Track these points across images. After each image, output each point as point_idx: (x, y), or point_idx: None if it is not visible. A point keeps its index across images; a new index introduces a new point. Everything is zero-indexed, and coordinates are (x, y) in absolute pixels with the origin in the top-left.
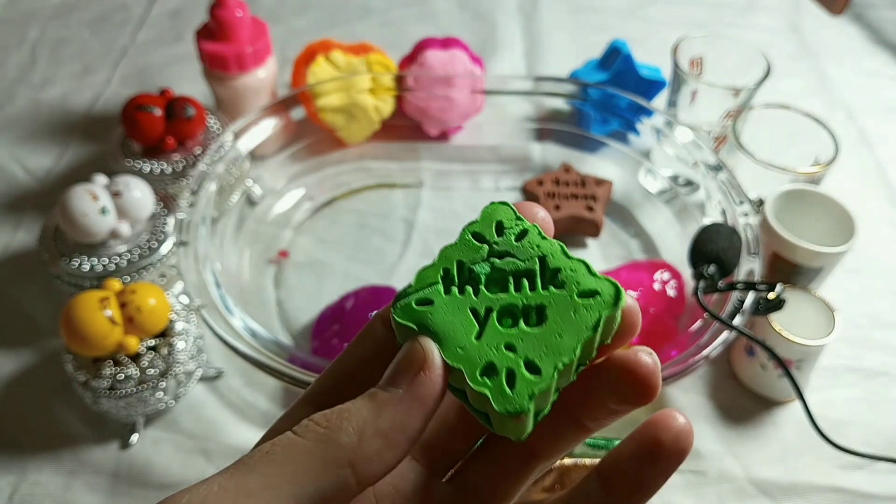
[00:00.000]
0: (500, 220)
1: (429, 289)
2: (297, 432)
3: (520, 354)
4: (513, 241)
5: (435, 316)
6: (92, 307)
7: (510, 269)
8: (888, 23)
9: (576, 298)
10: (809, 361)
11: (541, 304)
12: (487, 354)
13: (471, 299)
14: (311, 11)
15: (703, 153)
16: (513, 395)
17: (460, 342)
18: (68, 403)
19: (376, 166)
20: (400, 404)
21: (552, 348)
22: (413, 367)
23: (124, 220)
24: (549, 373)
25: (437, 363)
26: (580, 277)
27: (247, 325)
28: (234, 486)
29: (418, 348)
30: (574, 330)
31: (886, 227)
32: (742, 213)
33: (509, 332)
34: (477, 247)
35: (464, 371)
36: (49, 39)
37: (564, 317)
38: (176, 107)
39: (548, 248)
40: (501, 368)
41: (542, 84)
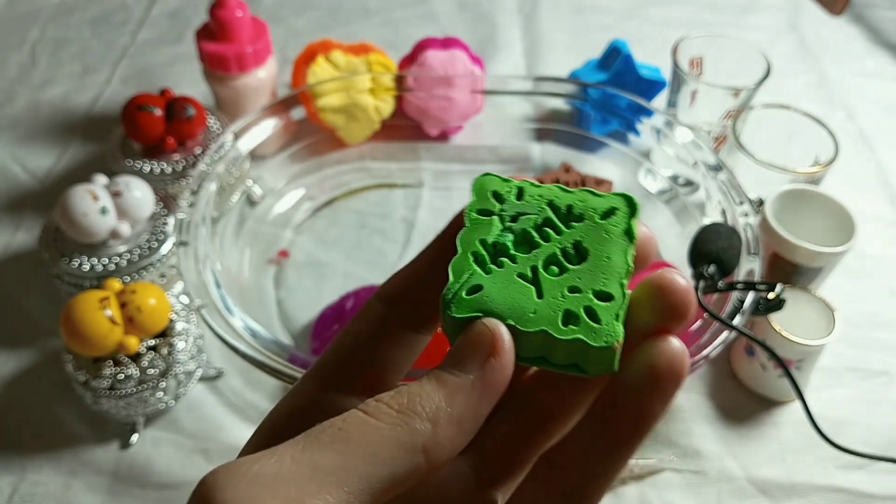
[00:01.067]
0: (493, 189)
1: (469, 276)
2: (369, 412)
3: (585, 291)
4: (515, 201)
5: (492, 296)
6: (92, 307)
7: (529, 225)
8: (888, 23)
9: (599, 221)
10: (809, 361)
11: (575, 241)
12: (559, 305)
13: (512, 267)
14: (311, 11)
15: (703, 153)
16: (602, 327)
17: (528, 308)
18: (68, 403)
19: (376, 166)
20: (472, 391)
21: (608, 271)
22: (482, 351)
23: (124, 220)
24: (618, 293)
25: (508, 344)
26: (592, 203)
27: (247, 325)
28: (308, 462)
29: (486, 330)
30: (615, 247)
31: (886, 227)
32: (742, 213)
33: (564, 278)
34: (488, 221)
35: (548, 330)
36: (49, 39)
37: (600, 240)
38: (176, 107)
39: (549, 193)
40: (579, 310)
41: (542, 84)
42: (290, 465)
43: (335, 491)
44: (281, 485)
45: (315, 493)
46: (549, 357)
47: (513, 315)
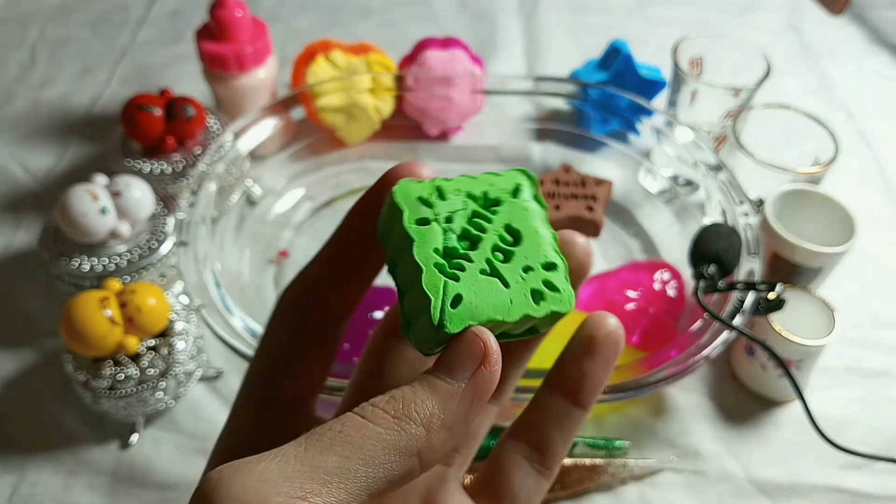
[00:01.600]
0: (417, 195)
1: (444, 289)
2: (367, 417)
3: (535, 268)
4: (441, 202)
5: (473, 302)
6: (92, 307)
7: (464, 222)
8: (888, 23)
9: (514, 200)
10: (809, 361)
11: (505, 225)
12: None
13: (471, 266)
14: (311, 11)
15: (703, 153)
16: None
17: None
18: (68, 403)
19: (376, 166)
20: (463, 398)
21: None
22: (473, 360)
23: (124, 220)
24: (558, 259)
25: (496, 353)
26: (500, 184)
27: (247, 325)
28: (311, 462)
29: (476, 340)
30: (537, 219)
31: (886, 227)
32: (742, 213)
33: (515, 262)
34: (430, 230)
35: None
36: (49, 39)
37: (523, 217)
38: (176, 107)
39: (463, 185)
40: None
41: (542, 84)
42: (294, 465)
43: (336, 491)
44: (285, 482)
45: (318, 491)
46: (511, 332)
47: (498, 311)
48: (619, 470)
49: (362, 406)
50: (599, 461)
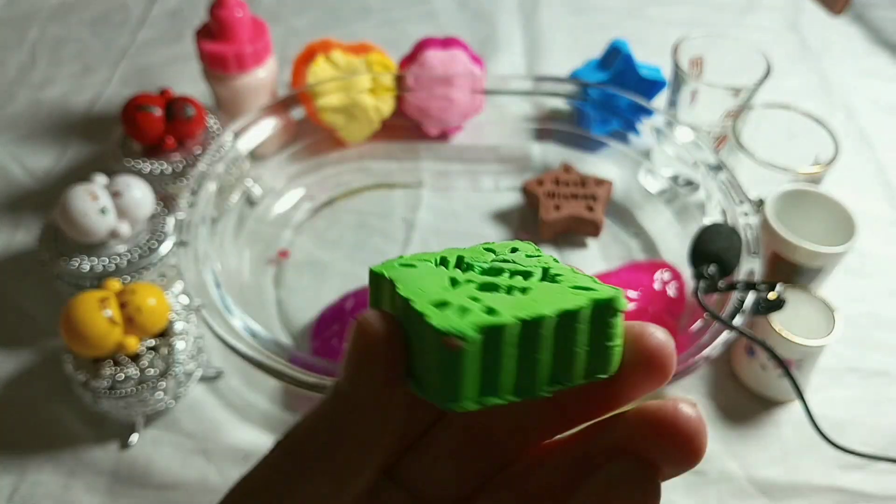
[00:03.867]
0: (517, 248)
1: (421, 262)
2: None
3: (481, 302)
4: (523, 257)
5: (411, 273)
6: (92, 307)
7: (508, 267)
8: (888, 23)
9: (567, 288)
10: (809, 361)
11: (525, 287)
12: (446, 296)
13: (454, 272)
14: (311, 11)
15: (703, 153)
16: (457, 319)
17: (430, 293)
18: (68, 403)
19: (376, 166)
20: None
21: (521, 305)
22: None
23: (124, 220)
24: (506, 318)
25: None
26: (579, 280)
27: (247, 325)
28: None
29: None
30: (554, 301)
31: (886, 227)
32: (742, 213)
33: (479, 293)
34: (483, 253)
35: (412, 301)
36: (49, 39)
37: (547, 293)
38: (176, 107)
39: (559, 268)
40: (454, 304)
41: (542, 84)
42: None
43: None
44: None
45: None
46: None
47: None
48: None
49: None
50: None
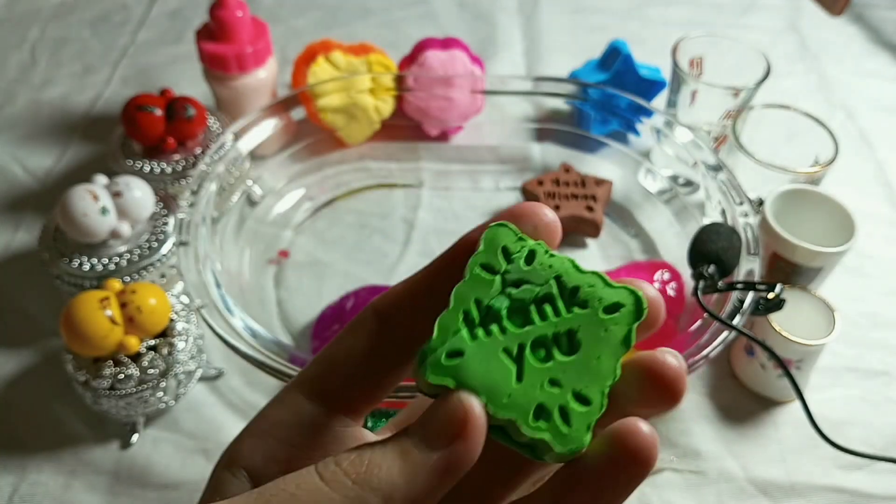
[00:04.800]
0: (504, 244)
1: (454, 337)
2: (325, 478)
3: (565, 388)
4: (523, 266)
5: (470, 366)
6: (92, 307)
7: (529, 297)
8: (888, 23)
9: (602, 315)
10: (809, 361)
11: (571, 329)
12: (535, 396)
13: (499, 339)
14: (312, 11)
15: (702, 153)
16: (571, 433)
17: (504, 390)
18: (68, 403)
19: (376, 166)
20: (435, 470)
21: (594, 374)
22: (452, 430)
23: (124, 220)
24: (598, 400)
25: (480, 427)
26: (600, 292)
27: (247, 325)
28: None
29: (459, 407)
30: (609, 350)
31: (886, 227)
32: (742, 213)
33: (548, 367)
34: (490, 280)
35: (517, 422)
36: (49, 39)
37: (596, 337)
38: (176, 107)
39: (560, 266)
40: (553, 407)
41: (542, 84)
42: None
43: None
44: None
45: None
46: (510, 433)
47: (487, 393)
48: None
49: (325, 462)
50: None
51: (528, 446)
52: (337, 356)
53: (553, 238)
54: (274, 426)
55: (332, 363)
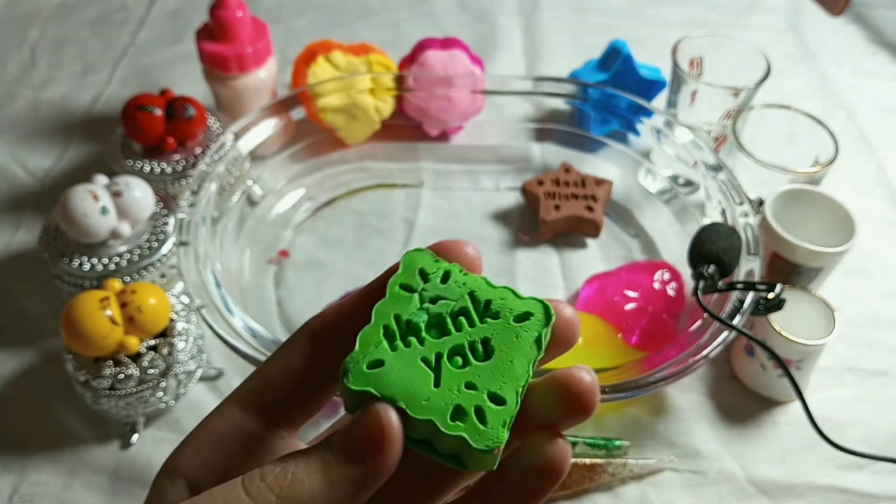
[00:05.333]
0: (421, 266)
1: (375, 349)
2: (250, 493)
3: (481, 390)
4: (439, 284)
5: (390, 375)
6: (92, 307)
7: (446, 311)
8: (888, 23)
9: (513, 324)
10: (809, 361)
11: (485, 337)
12: (452, 399)
13: (418, 349)
14: (312, 12)
15: (702, 153)
16: (488, 430)
17: (422, 394)
18: (68, 403)
19: (376, 166)
20: (353, 483)
21: (508, 375)
22: (373, 442)
23: (125, 220)
24: (512, 399)
25: (398, 436)
26: (511, 303)
27: (247, 325)
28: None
29: (377, 420)
30: (521, 353)
31: (886, 227)
32: (742, 213)
33: (464, 372)
34: (408, 297)
35: (435, 421)
36: (49, 39)
37: (509, 343)
38: (176, 107)
39: (473, 283)
40: (469, 408)
41: (542, 84)
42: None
43: None
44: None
45: None
46: (434, 443)
47: (405, 398)
48: (619, 469)
49: (251, 476)
50: (599, 461)
51: (453, 457)
52: (272, 373)
53: (476, 270)
54: (213, 437)
55: (267, 380)
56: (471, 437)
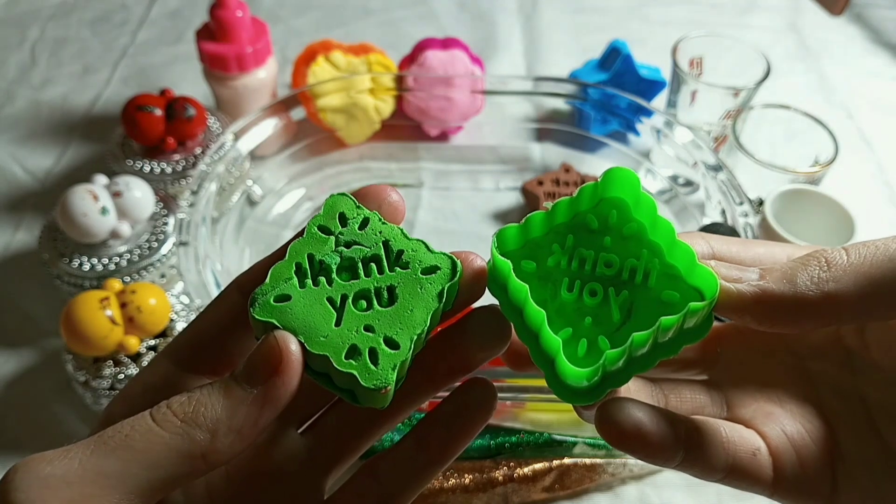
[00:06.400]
0: (342, 211)
1: (284, 284)
2: (156, 420)
3: (378, 333)
4: (356, 230)
5: (294, 310)
6: (92, 307)
7: (358, 255)
8: (888, 23)
9: (420, 276)
10: None
11: (391, 285)
12: (349, 338)
13: (325, 289)
14: (311, 12)
15: (702, 153)
16: (377, 371)
17: (322, 331)
18: (68, 403)
19: (376, 166)
20: (254, 403)
21: (406, 323)
22: (270, 365)
23: (124, 220)
24: (406, 345)
25: (294, 360)
26: (421, 256)
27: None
28: (93, 467)
29: (275, 345)
30: (422, 304)
31: (886, 227)
32: (742, 214)
33: (366, 315)
34: (324, 239)
35: (329, 357)
36: (49, 39)
37: (413, 293)
38: (176, 107)
39: (389, 233)
40: (364, 348)
41: (542, 84)
42: (77, 469)
43: (114, 493)
44: (66, 487)
45: (96, 495)
46: (333, 378)
47: (305, 333)
48: (619, 469)
49: (158, 406)
50: (599, 460)
51: (348, 391)
52: (202, 326)
53: (396, 216)
54: (144, 388)
55: (198, 332)
56: (361, 375)
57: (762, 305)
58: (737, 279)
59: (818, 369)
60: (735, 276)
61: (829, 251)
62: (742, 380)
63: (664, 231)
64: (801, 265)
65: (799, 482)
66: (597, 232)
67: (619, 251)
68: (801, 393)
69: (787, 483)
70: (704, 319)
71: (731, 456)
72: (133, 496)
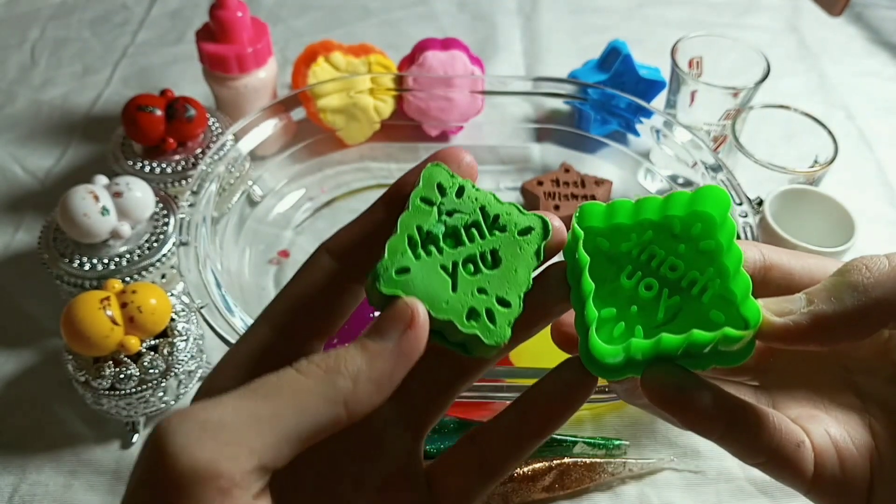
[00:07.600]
0: (439, 181)
1: (401, 257)
2: (300, 370)
3: (490, 294)
4: (454, 198)
5: (415, 280)
6: (93, 307)
7: (460, 223)
8: (888, 23)
9: (517, 237)
10: None
11: (493, 248)
12: (467, 302)
13: (437, 258)
14: (312, 12)
15: (702, 153)
16: (496, 329)
17: (442, 297)
18: (69, 403)
19: (376, 166)
20: (389, 357)
21: (513, 282)
22: (401, 323)
23: (125, 220)
24: (516, 303)
25: (424, 320)
26: (516, 218)
27: (247, 325)
28: (247, 411)
29: (405, 307)
30: (524, 263)
31: (886, 227)
32: (741, 214)
33: (476, 278)
34: (428, 210)
35: (454, 321)
36: (49, 39)
37: (513, 254)
38: (176, 107)
39: (484, 198)
40: (481, 310)
41: (542, 84)
42: (230, 412)
43: (268, 435)
44: (222, 430)
45: (251, 438)
46: (447, 336)
47: (428, 300)
48: (619, 469)
49: (299, 361)
50: (599, 460)
51: (461, 345)
52: (297, 296)
53: (472, 176)
54: (245, 358)
55: (293, 302)
56: (483, 334)
57: (819, 329)
58: (789, 312)
59: (866, 383)
60: (787, 308)
61: (869, 258)
62: (790, 386)
63: (734, 257)
64: (842, 279)
65: (837, 484)
66: (677, 237)
67: (688, 260)
68: (847, 403)
69: (825, 483)
70: (744, 348)
71: (775, 441)
72: (283, 442)
